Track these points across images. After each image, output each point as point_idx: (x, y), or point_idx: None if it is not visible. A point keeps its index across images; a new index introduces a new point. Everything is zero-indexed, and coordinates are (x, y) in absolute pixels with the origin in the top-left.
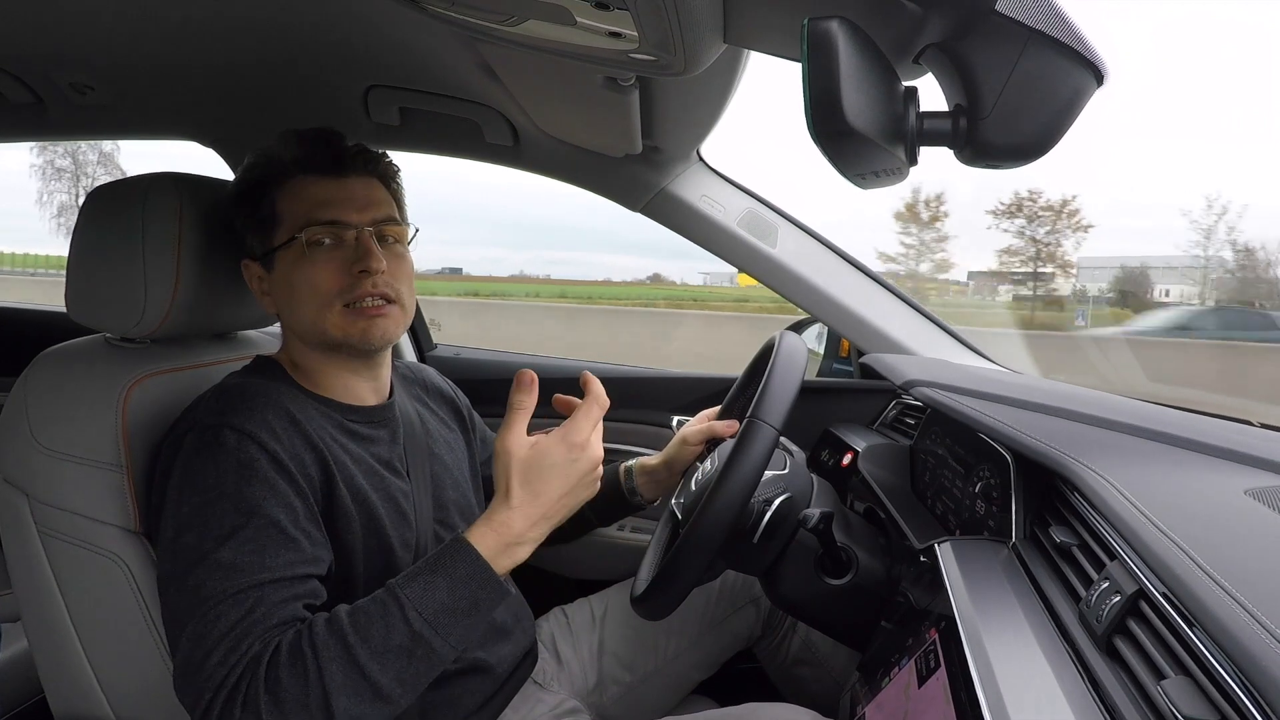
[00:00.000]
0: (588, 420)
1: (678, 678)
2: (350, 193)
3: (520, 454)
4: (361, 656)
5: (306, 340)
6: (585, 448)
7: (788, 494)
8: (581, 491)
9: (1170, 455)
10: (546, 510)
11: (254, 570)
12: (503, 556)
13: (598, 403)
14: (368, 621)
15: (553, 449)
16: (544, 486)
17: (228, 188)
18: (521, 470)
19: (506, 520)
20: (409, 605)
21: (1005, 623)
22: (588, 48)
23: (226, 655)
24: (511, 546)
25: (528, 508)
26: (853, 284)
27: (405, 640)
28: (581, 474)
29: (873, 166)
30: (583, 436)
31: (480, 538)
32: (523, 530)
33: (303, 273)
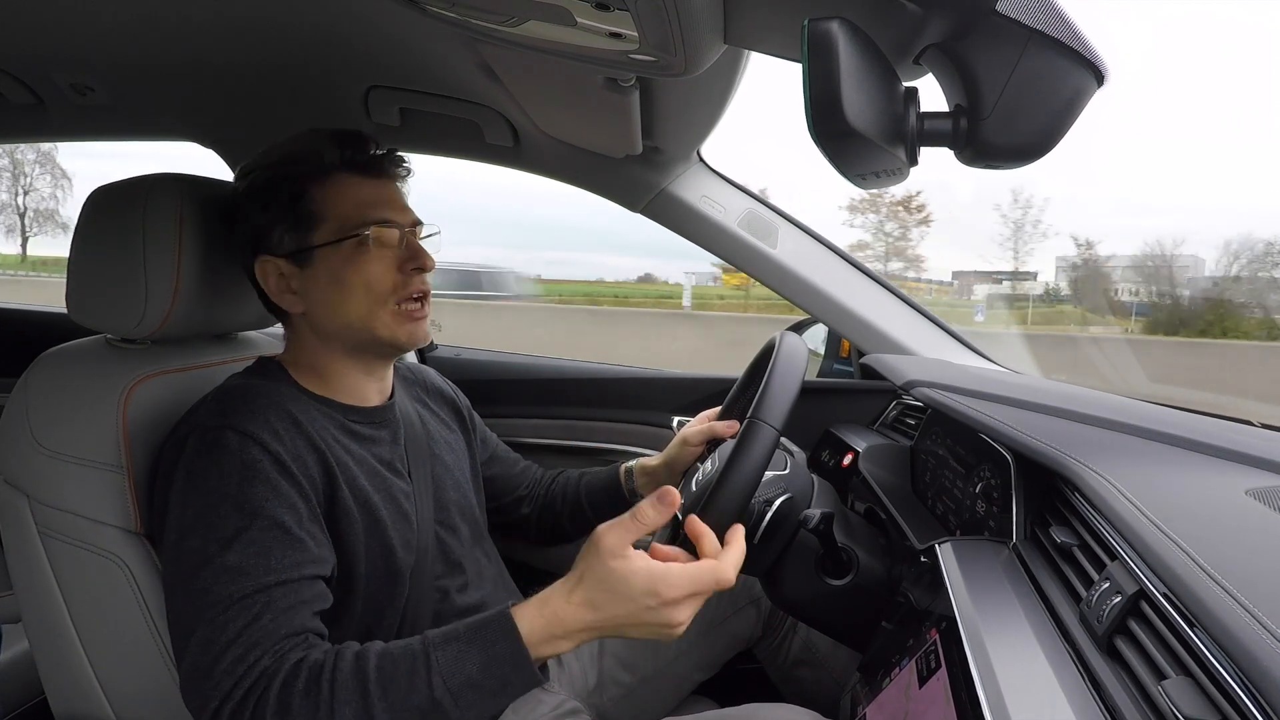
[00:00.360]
0: (691, 584)
1: (678, 678)
2: (391, 194)
3: (608, 559)
4: (376, 709)
5: (341, 337)
6: (671, 607)
7: (788, 494)
8: (642, 632)
9: (1171, 455)
10: (600, 625)
11: (259, 573)
12: (544, 646)
13: (716, 579)
14: (393, 672)
15: (638, 581)
16: (608, 604)
17: (232, 187)
18: (598, 575)
19: (559, 613)
20: (436, 670)
21: (1006, 623)
22: (588, 48)
23: (234, 664)
24: (556, 640)
25: (584, 612)
26: (853, 284)
27: (424, 703)
28: (649, 622)
29: (873, 167)
30: (674, 595)
31: (527, 620)
32: (570, 629)
33: (356, 270)
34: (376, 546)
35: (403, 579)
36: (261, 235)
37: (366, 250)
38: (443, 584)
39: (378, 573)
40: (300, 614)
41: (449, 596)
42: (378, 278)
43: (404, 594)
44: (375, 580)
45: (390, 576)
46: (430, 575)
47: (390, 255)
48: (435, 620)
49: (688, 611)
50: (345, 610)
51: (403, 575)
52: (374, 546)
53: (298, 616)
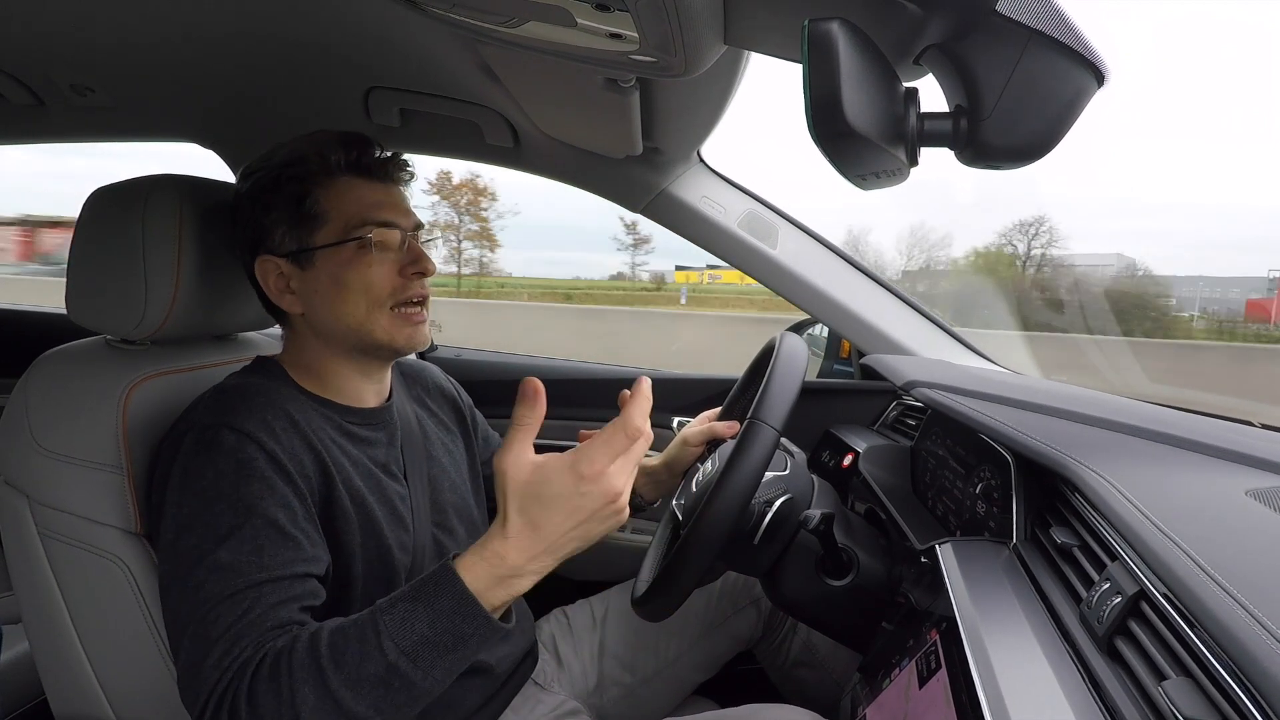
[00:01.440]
0: (606, 449)
1: (678, 679)
2: (395, 198)
3: (519, 477)
4: (334, 682)
5: (339, 339)
6: (598, 479)
7: (788, 495)
8: (595, 526)
9: (1171, 456)
10: (550, 543)
11: (252, 570)
12: (496, 589)
13: (624, 430)
14: (344, 645)
15: (557, 476)
16: (545, 518)
17: (236, 186)
18: (519, 497)
19: (500, 551)
20: (385, 634)
21: (1006, 624)
22: (588, 49)
23: (221, 658)
24: (506, 579)
25: (525, 539)
26: (853, 284)
27: (380, 670)
28: (592, 509)
29: (873, 167)
30: (596, 467)
31: (469, 567)
32: (519, 563)
33: (357, 272)
34: (373, 547)
35: (399, 580)
36: (263, 235)
37: (368, 253)
38: None
39: (374, 574)
40: (287, 608)
41: None
42: (378, 280)
43: None
44: (372, 581)
45: (387, 578)
46: None
47: (391, 258)
48: None
49: (620, 478)
50: (343, 610)
51: (399, 576)
52: (370, 547)
53: (284, 610)
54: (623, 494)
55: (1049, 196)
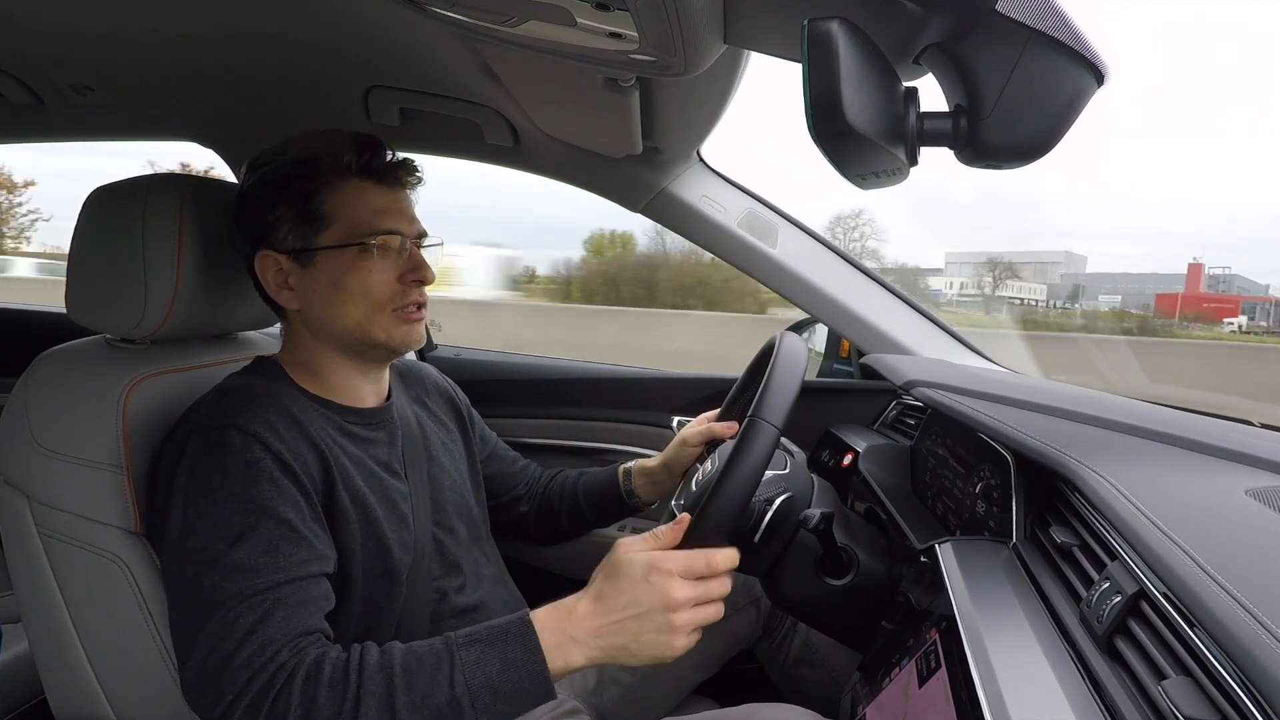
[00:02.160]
0: (686, 561)
1: (678, 678)
2: (402, 204)
3: (614, 554)
4: (400, 702)
5: (336, 338)
6: (665, 579)
7: (788, 494)
8: (645, 630)
9: (1171, 455)
10: (608, 622)
11: (268, 570)
12: (557, 653)
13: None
14: (419, 668)
15: (638, 560)
16: (611, 591)
17: (242, 178)
18: (606, 565)
19: (572, 606)
20: (459, 668)
21: (1006, 623)
22: (588, 48)
23: (250, 659)
24: (567, 638)
25: (593, 604)
26: (853, 284)
27: (443, 702)
28: (648, 604)
29: (873, 167)
30: (668, 567)
31: (542, 621)
32: (580, 627)
33: (358, 277)
34: (373, 547)
35: (399, 579)
36: (267, 229)
37: (370, 258)
38: (440, 584)
39: (374, 573)
40: (310, 612)
41: (447, 597)
42: (377, 286)
43: (401, 594)
44: (372, 581)
45: (387, 577)
46: (428, 576)
47: (392, 265)
48: (433, 621)
49: (684, 592)
50: (343, 610)
51: (399, 576)
52: (370, 547)
53: (309, 616)
54: (680, 609)
55: (1048, 196)
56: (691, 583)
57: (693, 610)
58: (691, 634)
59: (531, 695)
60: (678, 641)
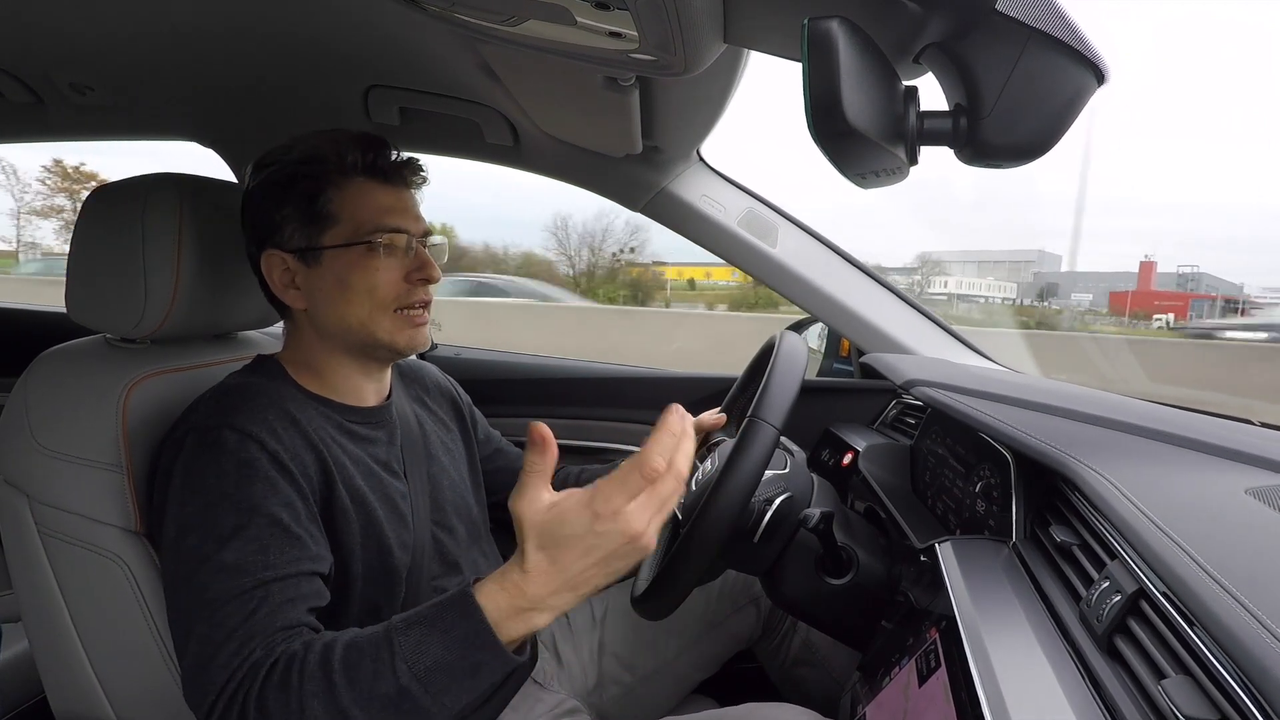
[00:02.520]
0: (621, 488)
1: (678, 678)
2: (406, 203)
3: (535, 519)
4: (344, 699)
5: (340, 337)
6: (615, 518)
7: (788, 494)
8: (616, 563)
9: (1171, 454)
10: (569, 579)
11: (257, 569)
12: (514, 621)
13: (639, 469)
14: (358, 660)
15: (574, 515)
16: (562, 556)
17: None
18: (536, 536)
19: (520, 584)
20: (399, 655)
21: (1006, 622)
22: (588, 48)
23: (229, 658)
24: (525, 612)
25: (543, 575)
26: (853, 283)
27: (391, 691)
28: (610, 547)
29: (873, 166)
30: (612, 505)
31: (488, 595)
32: (540, 596)
33: (363, 276)
34: (372, 546)
35: (399, 579)
36: (273, 229)
37: (376, 257)
38: (440, 584)
39: (374, 573)
40: (295, 608)
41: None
42: (383, 285)
43: (400, 594)
44: (371, 580)
45: (386, 577)
46: (427, 575)
47: (398, 264)
48: None
49: (640, 517)
50: (342, 611)
51: (399, 575)
52: (370, 546)
53: (293, 611)
54: (644, 533)
55: (1047, 194)
56: (643, 498)
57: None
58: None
59: (495, 667)
60: (648, 545)
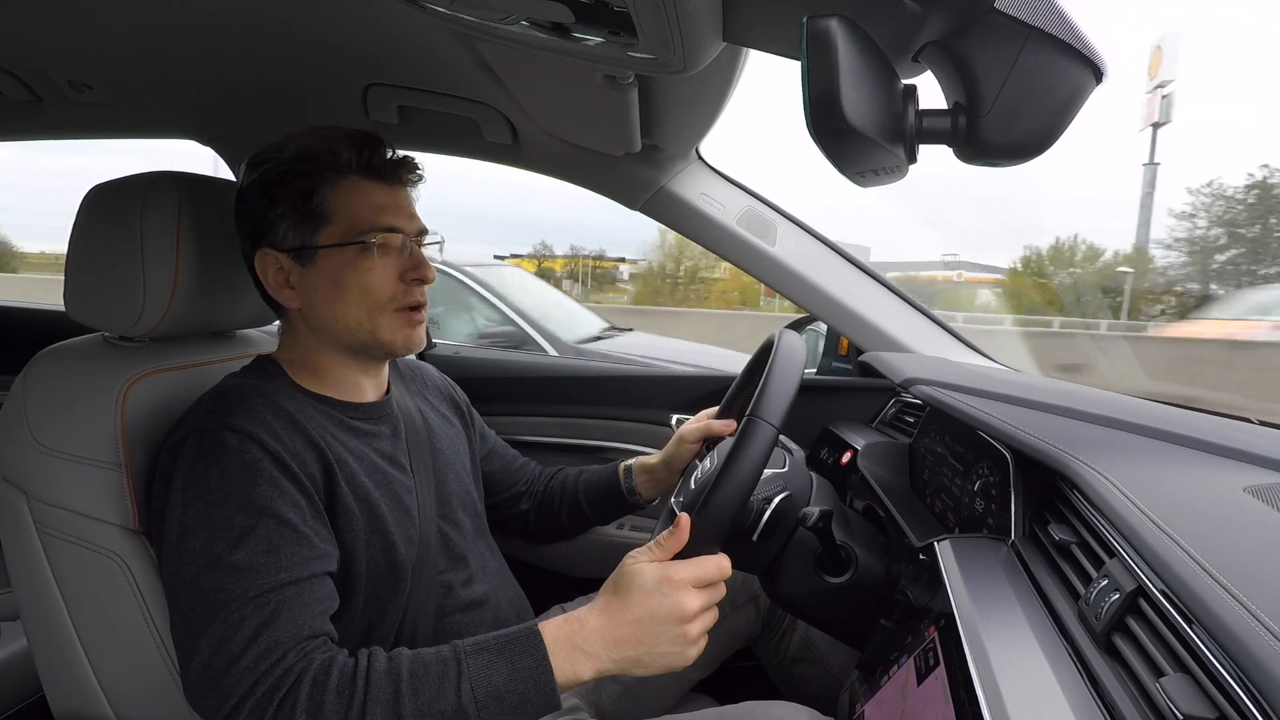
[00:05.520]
0: (698, 569)
1: (677, 676)
2: (401, 201)
3: (627, 565)
4: (406, 709)
5: (337, 337)
6: (677, 590)
7: (787, 492)
8: (659, 641)
9: (1169, 453)
10: (620, 634)
11: (271, 571)
12: (566, 665)
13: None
14: (425, 675)
15: (649, 571)
16: (623, 603)
17: (242, 176)
18: (617, 577)
19: (583, 618)
20: (466, 677)
21: (1004, 621)
22: (587, 46)
23: (256, 661)
24: (578, 655)
25: (605, 618)
26: (852, 282)
27: (450, 710)
28: (662, 616)
29: (872, 164)
30: (681, 576)
31: (552, 632)
32: (592, 639)
33: (358, 275)
34: (378, 542)
35: (404, 574)
36: (267, 228)
37: (370, 256)
38: (446, 578)
39: (379, 569)
40: (316, 614)
41: (453, 591)
42: (378, 284)
43: (405, 589)
44: (376, 576)
45: (392, 572)
46: (433, 570)
47: (393, 263)
48: (438, 615)
49: (696, 602)
50: (347, 606)
51: (404, 570)
52: (375, 542)
53: (315, 618)
54: (694, 623)
55: (1044, 193)
56: (701, 591)
57: (703, 618)
58: (700, 643)
59: (536, 705)
60: (690, 651)
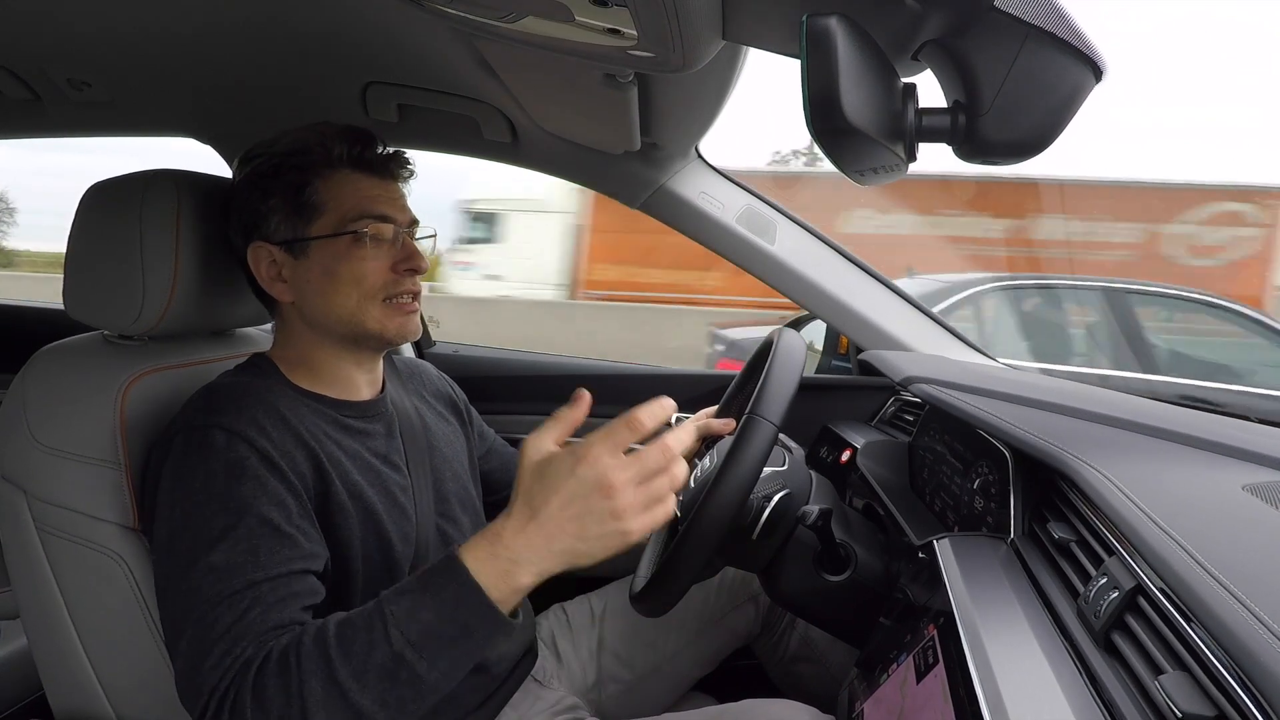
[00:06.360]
0: (606, 437)
1: (677, 675)
2: (393, 193)
3: (533, 459)
4: (341, 674)
5: (331, 330)
6: (593, 464)
7: (787, 490)
8: (591, 526)
9: (1168, 451)
10: (547, 532)
11: (248, 570)
12: (500, 579)
13: (626, 422)
14: (352, 635)
15: (560, 460)
16: (542, 500)
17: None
18: (527, 477)
19: (499, 531)
20: (392, 622)
21: (1003, 619)
22: (586, 44)
23: (221, 658)
24: (508, 566)
25: (523, 520)
26: (851, 280)
27: (387, 660)
28: (585, 497)
29: (872, 163)
30: (594, 452)
31: (473, 556)
32: (518, 549)
33: (349, 265)
34: (372, 540)
35: (401, 572)
36: (259, 221)
37: (362, 246)
38: None
39: (375, 568)
40: (288, 607)
41: None
42: (370, 274)
43: None
44: (373, 575)
45: (388, 570)
46: None
47: (385, 253)
48: None
49: (619, 472)
50: (345, 606)
51: (401, 569)
52: (370, 540)
53: (286, 610)
54: (620, 493)
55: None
56: (627, 460)
57: (637, 489)
58: (644, 514)
59: (485, 630)
60: (631, 525)
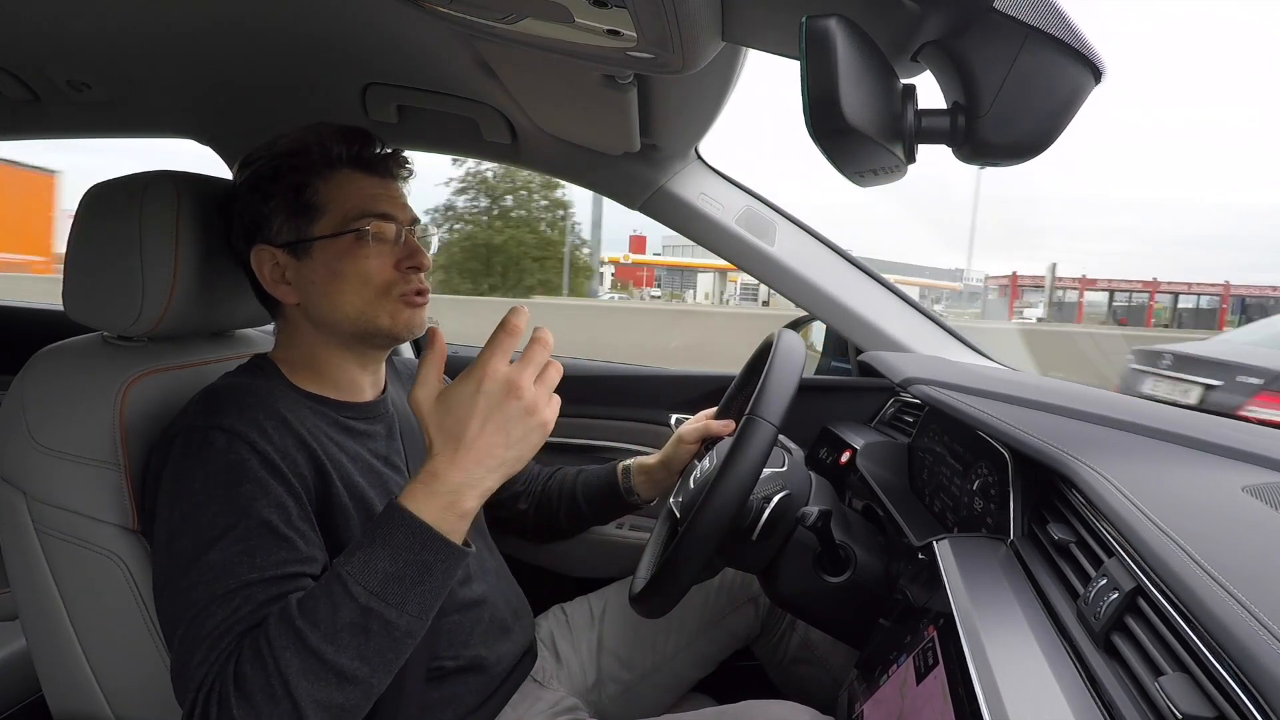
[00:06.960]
0: (494, 349)
1: (676, 676)
2: (393, 192)
3: (429, 401)
4: (313, 640)
5: (338, 328)
6: (494, 376)
7: (786, 491)
8: (514, 427)
9: (1168, 452)
10: (477, 454)
11: (244, 571)
12: (446, 512)
13: (504, 328)
14: (314, 604)
15: (461, 385)
16: (459, 426)
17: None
18: (433, 417)
19: (432, 471)
20: (350, 580)
21: (1003, 620)
22: (586, 46)
23: (207, 654)
24: (450, 499)
25: (449, 452)
26: (851, 281)
27: (355, 616)
28: (498, 404)
29: (871, 164)
30: (489, 366)
31: (412, 497)
32: (456, 480)
33: (354, 264)
34: None
35: None
36: (261, 223)
37: (365, 244)
38: None
39: None
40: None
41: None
42: (375, 271)
43: None
44: None
45: None
46: None
47: (387, 251)
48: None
49: (520, 374)
50: None
51: None
52: None
53: (274, 608)
54: (525, 389)
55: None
56: (520, 362)
57: (537, 385)
58: (551, 403)
59: (444, 562)
60: (545, 417)
